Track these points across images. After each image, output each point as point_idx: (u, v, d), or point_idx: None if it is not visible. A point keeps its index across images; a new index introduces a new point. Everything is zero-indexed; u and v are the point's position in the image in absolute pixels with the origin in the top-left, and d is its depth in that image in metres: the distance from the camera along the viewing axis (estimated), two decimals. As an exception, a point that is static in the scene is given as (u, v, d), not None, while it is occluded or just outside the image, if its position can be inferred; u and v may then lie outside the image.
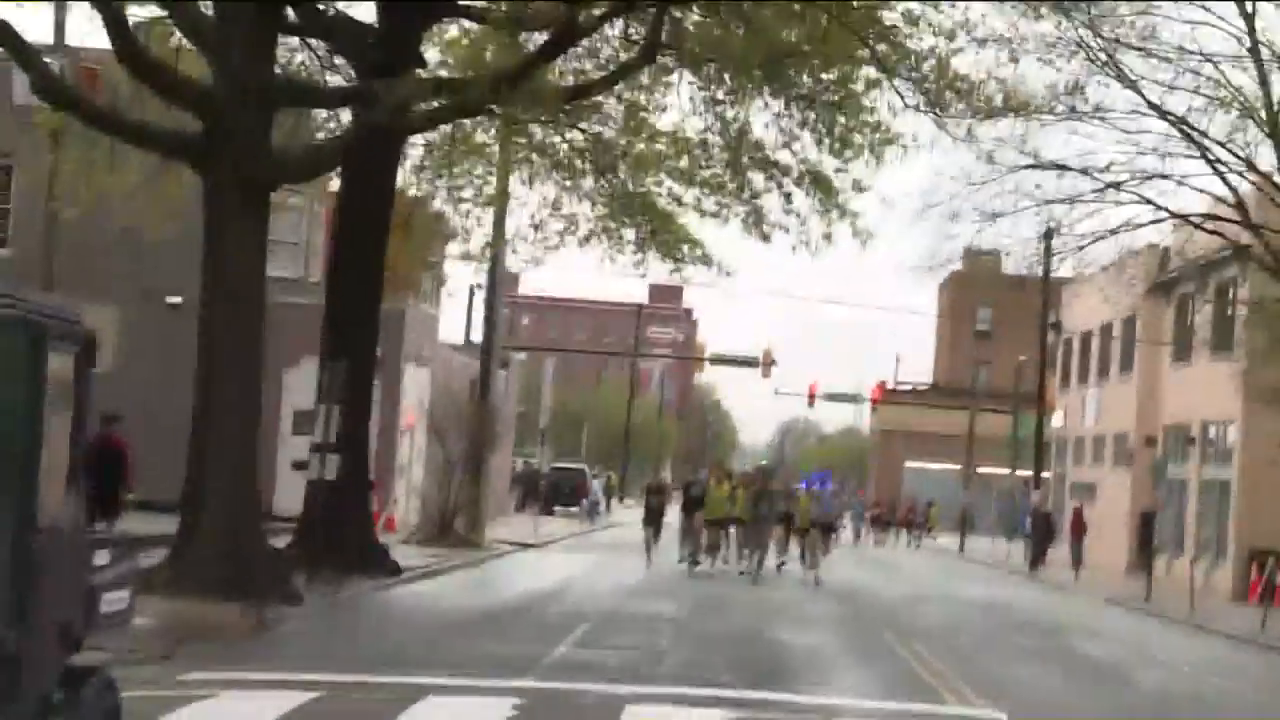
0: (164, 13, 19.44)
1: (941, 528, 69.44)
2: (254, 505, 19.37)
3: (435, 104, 19.73)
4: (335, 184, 28.48)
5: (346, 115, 24.10)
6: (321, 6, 22.30)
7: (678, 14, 20.78)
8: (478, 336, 42.43)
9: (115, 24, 17.47)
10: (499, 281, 36.78)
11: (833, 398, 76.78)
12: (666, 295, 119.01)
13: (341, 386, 22.26)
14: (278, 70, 20.34)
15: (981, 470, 73.98)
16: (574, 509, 59.07)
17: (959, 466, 72.77)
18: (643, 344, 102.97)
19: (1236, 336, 33.64)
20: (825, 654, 18.32)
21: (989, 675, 16.87)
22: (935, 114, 22.07)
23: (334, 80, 23.40)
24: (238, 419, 18.79)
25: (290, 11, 20.40)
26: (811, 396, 74.12)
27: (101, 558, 7.25)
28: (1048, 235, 37.59)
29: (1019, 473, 62.46)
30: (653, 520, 35.43)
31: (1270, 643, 25.04)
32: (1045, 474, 53.83)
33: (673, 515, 35.91)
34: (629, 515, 57.62)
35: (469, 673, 14.18)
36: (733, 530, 32.97)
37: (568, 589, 25.71)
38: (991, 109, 22.50)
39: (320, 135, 25.03)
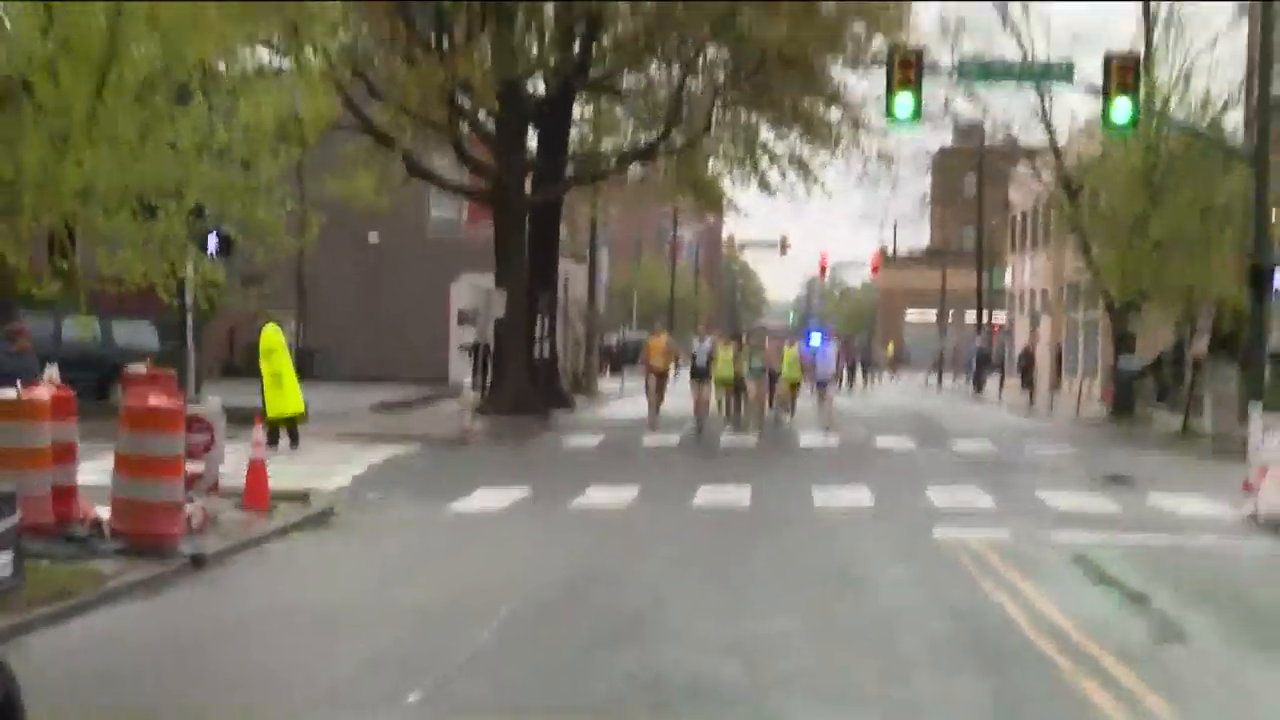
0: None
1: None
2: (529, 371, 42.52)
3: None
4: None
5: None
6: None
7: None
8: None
9: (457, 147, 40.45)
10: (597, 242, 60.52)
11: (841, 266, 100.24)
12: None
13: (548, 305, 45.87)
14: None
15: (969, 320, 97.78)
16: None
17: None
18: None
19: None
20: (798, 424, 41.99)
21: (870, 425, 40.61)
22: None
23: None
24: (516, 334, 42.08)
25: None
26: (823, 268, 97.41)
27: None
28: (981, 139, 63.60)
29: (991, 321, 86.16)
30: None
31: (1047, 420, 48.52)
32: (995, 319, 77.58)
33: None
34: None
35: (656, 432, 37.56)
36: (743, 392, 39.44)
37: (670, 413, 49.09)
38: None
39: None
